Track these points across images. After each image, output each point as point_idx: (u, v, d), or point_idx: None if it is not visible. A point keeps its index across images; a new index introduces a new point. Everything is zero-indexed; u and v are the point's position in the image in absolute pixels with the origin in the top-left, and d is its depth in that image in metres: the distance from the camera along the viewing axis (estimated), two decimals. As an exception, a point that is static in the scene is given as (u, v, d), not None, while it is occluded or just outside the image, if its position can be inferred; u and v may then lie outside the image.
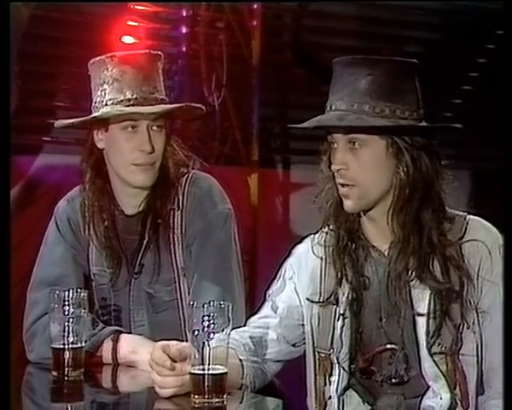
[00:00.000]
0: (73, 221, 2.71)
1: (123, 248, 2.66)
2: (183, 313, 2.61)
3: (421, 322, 2.22)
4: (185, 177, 2.67)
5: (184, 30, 4.74)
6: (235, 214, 2.70)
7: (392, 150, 2.21)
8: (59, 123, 2.72)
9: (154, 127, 2.58)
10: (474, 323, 2.21)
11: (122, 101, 2.54)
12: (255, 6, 4.90)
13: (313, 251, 2.38)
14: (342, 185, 2.24)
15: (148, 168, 2.58)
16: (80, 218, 2.70)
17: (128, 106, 2.54)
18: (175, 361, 2.09)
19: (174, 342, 2.11)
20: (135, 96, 2.54)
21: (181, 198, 2.65)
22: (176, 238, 2.63)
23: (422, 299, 2.22)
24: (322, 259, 2.35)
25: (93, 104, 2.61)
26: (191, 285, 2.60)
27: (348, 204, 2.25)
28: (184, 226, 2.63)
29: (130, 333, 2.59)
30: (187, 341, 2.07)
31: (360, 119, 2.18)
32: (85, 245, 2.70)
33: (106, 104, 2.56)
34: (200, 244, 2.61)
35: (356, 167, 2.22)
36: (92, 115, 2.60)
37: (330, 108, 2.24)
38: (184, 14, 4.74)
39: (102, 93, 2.57)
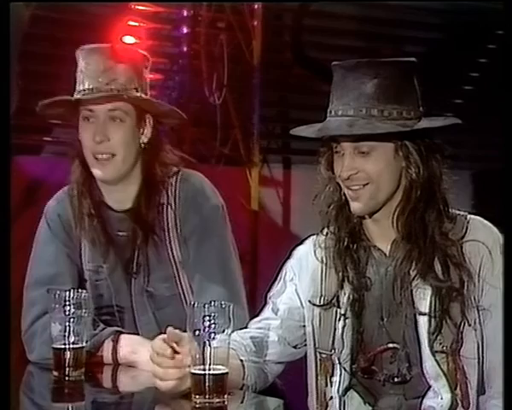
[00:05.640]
0: (64, 220, 2.71)
1: (115, 246, 2.66)
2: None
3: (423, 320, 2.22)
4: (175, 175, 2.69)
5: (185, 30, 4.75)
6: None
7: (401, 152, 2.19)
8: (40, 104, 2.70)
9: (112, 119, 2.59)
10: (475, 321, 2.21)
11: (80, 91, 2.60)
12: (256, 6, 4.91)
13: (314, 253, 2.37)
14: (352, 188, 2.21)
15: (106, 162, 2.58)
16: (71, 215, 2.70)
17: (84, 96, 2.58)
18: (176, 352, 2.08)
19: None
20: (91, 86, 2.58)
21: (172, 195, 2.66)
22: (171, 234, 2.64)
23: (424, 298, 2.22)
24: (323, 261, 2.34)
25: None
26: (192, 281, 2.61)
27: (356, 206, 2.22)
28: (179, 222, 2.64)
29: (136, 333, 2.60)
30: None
31: (370, 124, 2.15)
32: (78, 243, 2.70)
33: (75, 94, 2.61)
34: (198, 238, 2.62)
35: (367, 169, 2.19)
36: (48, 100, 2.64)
37: (335, 113, 2.20)
38: (185, 14, 4.75)
39: (75, 83, 2.62)
